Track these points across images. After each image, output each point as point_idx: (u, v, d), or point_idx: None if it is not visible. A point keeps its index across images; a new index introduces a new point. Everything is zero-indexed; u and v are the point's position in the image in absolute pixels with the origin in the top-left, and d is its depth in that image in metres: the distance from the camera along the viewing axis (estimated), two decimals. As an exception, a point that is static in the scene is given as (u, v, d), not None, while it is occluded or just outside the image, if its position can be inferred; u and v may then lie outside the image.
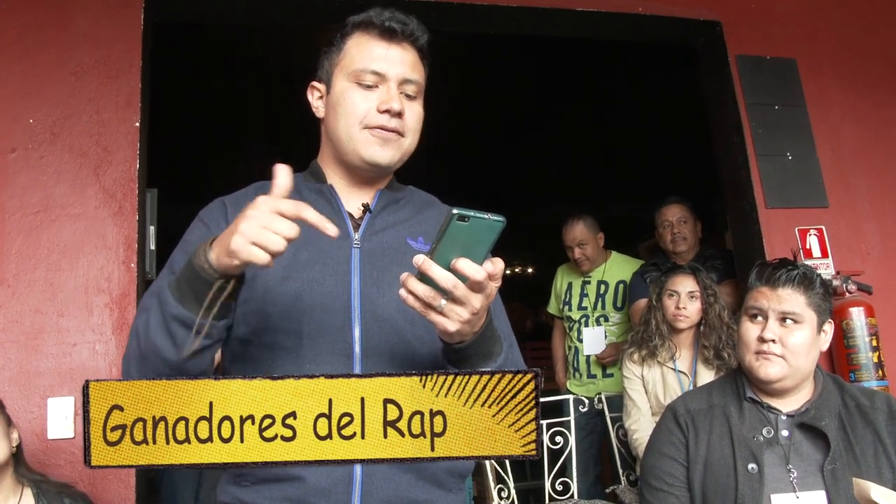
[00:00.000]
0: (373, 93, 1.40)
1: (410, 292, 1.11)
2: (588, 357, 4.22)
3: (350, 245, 1.39)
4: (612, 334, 4.22)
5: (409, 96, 1.44)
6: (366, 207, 1.46)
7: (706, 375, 3.12)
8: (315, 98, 1.51)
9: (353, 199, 1.48)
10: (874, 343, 3.09)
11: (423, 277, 1.09)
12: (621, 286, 4.23)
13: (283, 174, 1.12)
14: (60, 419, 2.42)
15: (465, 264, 1.07)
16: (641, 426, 3.19)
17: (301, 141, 1.96)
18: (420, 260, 1.07)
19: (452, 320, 1.12)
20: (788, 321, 1.91)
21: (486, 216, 1.03)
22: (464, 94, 4.78)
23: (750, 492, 1.86)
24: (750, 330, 1.95)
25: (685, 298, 3.21)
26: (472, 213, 1.02)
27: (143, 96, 2.75)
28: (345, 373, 1.28)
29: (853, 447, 1.87)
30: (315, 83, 1.51)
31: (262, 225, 1.07)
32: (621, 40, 3.82)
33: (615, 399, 3.67)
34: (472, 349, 1.22)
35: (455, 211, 1.02)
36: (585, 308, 4.31)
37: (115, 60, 2.74)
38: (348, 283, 1.35)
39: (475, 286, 1.10)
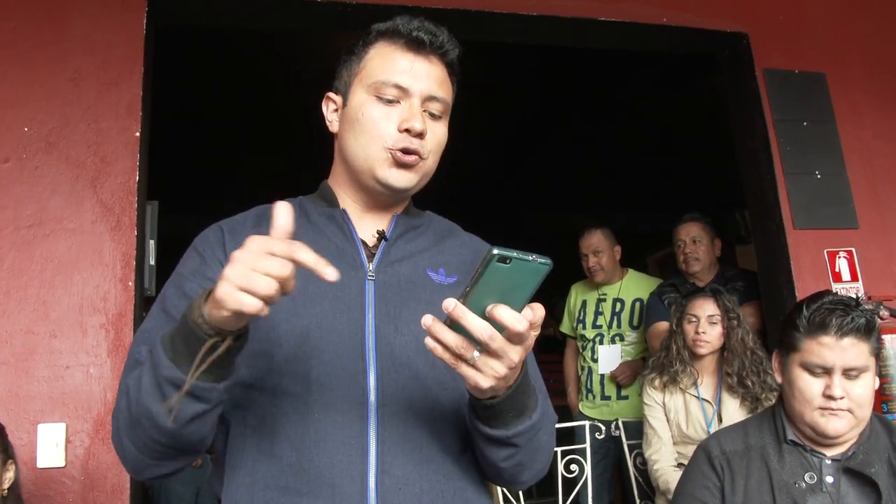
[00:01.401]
0: (394, 109, 1.27)
1: (438, 341, 0.96)
2: (602, 377, 4.08)
3: (364, 277, 1.25)
4: (628, 354, 4.08)
5: (433, 115, 1.30)
6: (381, 235, 1.31)
7: (731, 404, 2.98)
8: (330, 110, 1.37)
9: (367, 226, 1.34)
10: (906, 374, 2.94)
11: (454, 325, 0.94)
12: (637, 304, 4.09)
13: (282, 214, 0.97)
14: (51, 447, 2.28)
15: (504, 313, 0.93)
16: (662, 456, 3.04)
17: (313, 155, 1.84)
18: (451, 305, 0.93)
19: (486, 375, 0.98)
20: (853, 373, 1.76)
21: (530, 258, 0.89)
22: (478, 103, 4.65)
23: (792, 543, 1.72)
24: (812, 385, 1.79)
25: (705, 323, 3.07)
26: (514, 253, 0.88)
27: (145, 104, 2.61)
28: (358, 424, 1.14)
29: (905, 497, 1.73)
30: (331, 94, 1.37)
31: (250, 267, 0.92)
32: (645, 51, 3.69)
33: (631, 424, 3.52)
34: (505, 405, 1.08)
35: (496, 251, 0.88)
36: (600, 326, 4.17)
37: (115, 66, 2.60)
38: (362, 319, 1.20)
39: (514, 338, 0.95)
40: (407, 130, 1.25)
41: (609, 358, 4.09)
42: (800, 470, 1.80)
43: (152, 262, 2.64)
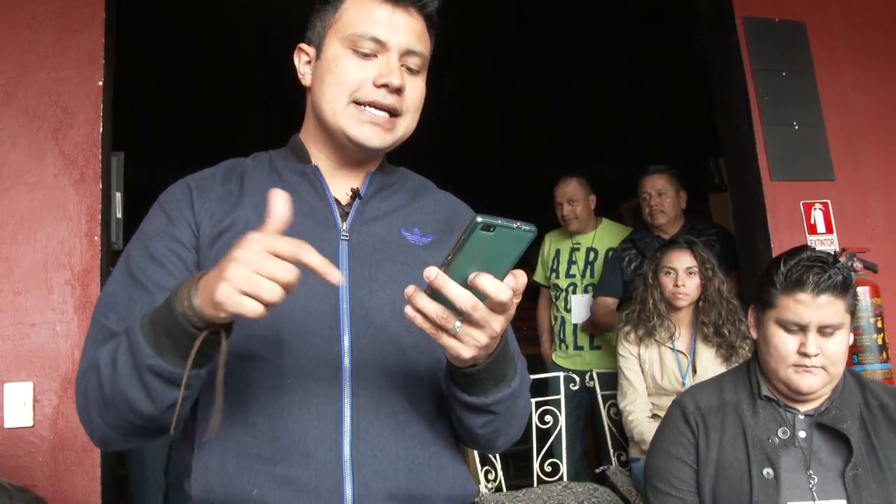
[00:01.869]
0: (370, 63, 1.21)
1: (419, 311, 0.93)
2: (575, 327, 4.09)
3: (338, 237, 1.21)
4: None
5: (411, 70, 1.24)
6: (355, 193, 1.27)
7: (706, 354, 3.00)
8: (302, 63, 1.30)
9: (340, 183, 1.29)
10: (879, 325, 2.97)
11: (435, 294, 0.91)
12: (611, 254, 4.09)
13: (280, 203, 0.93)
14: (18, 406, 2.23)
15: (487, 282, 0.89)
16: (637, 407, 3.07)
17: (286, 107, 1.76)
18: (433, 273, 0.90)
19: (468, 345, 0.95)
20: (828, 330, 1.76)
21: (514, 225, 0.86)
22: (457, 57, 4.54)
23: (765, 498, 1.73)
24: (787, 342, 1.78)
25: (683, 275, 3.06)
26: (498, 221, 0.85)
27: (108, 52, 2.50)
28: (332, 390, 1.11)
29: (877, 452, 1.74)
30: (303, 45, 1.30)
31: (254, 269, 0.88)
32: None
33: (604, 375, 3.54)
34: (485, 373, 1.05)
35: (479, 219, 0.84)
36: (574, 276, 4.17)
37: (75, 11, 2.48)
38: None
39: (497, 307, 0.93)
40: (385, 86, 1.19)
41: (582, 307, 4.10)
42: (773, 425, 1.81)
43: (119, 216, 2.56)
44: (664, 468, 1.89)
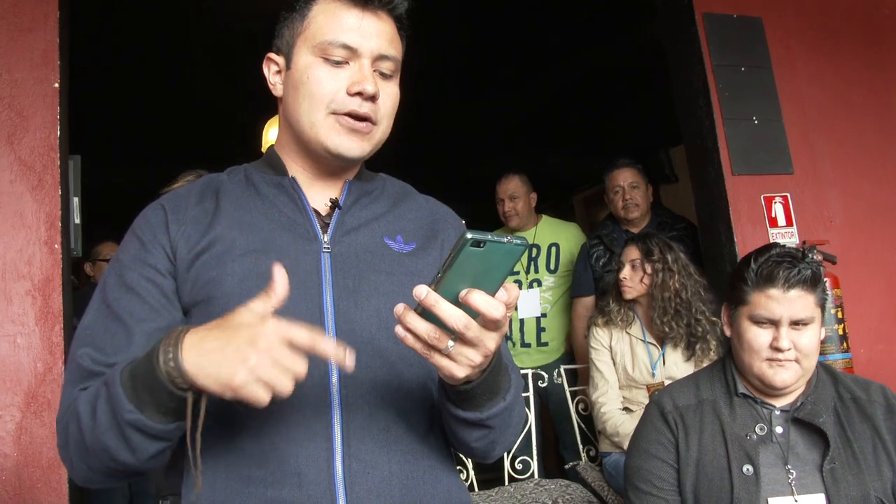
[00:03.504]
0: (342, 70, 1.18)
1: (409, 330, 0.91)
2: (522, 324, 4.11)
3: (319, 249, 1.18)
4: (546, 301, 4.13)
5: (384, 75, 1.22)
6: (334, 203, 1.24)
7: (670, 347, 3.03)
8: (272, 73, 1.27)
9: (318, 194, 1.26)
10: (839, 315, 3.04)
11: (426, 313, 0.89)
12: (553, 249, 4.16)
13: (280, 280, 0.93)
14: (-22, 422, 2.15)
15: (479, 298, 0.88)
16: (609, 399, 3.08)
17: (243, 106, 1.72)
18: (423, 293, 0.88)
19: (461, 365, 0.94)
20: (800, 324, 1.79)
21: (504, 240, 0.85)
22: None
23: (746, 495, 1.75)
24: (760, 337, 1.81)
25: (627, 268, 3.11)
26: (488, 236, 0.84)
27: (62, 52, 2.42)
28: (321, 408, 1.09)
29: (851, 444, 1.78)
30: (272, 55, 1.27)
31: (275, 359, 0.88)
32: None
33: (569, 372, 3.57)
34: (479, 389, 1.04)
35: (469, 235, 0.83)
36: (517, 273, 4.19)
37: (28, 10, 2.39)
38: (319, 296, 1.14)
39: (490, 324, 0.91)
40: (359, 94, 1.17)
41: (529, 303, 4.13)
42: (751, 422, 1.83)
43: (77, 221, 2.48)
44: (645, 468, 1.90)
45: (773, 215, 3.23)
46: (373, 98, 1.18)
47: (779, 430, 1.82)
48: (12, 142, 2.31)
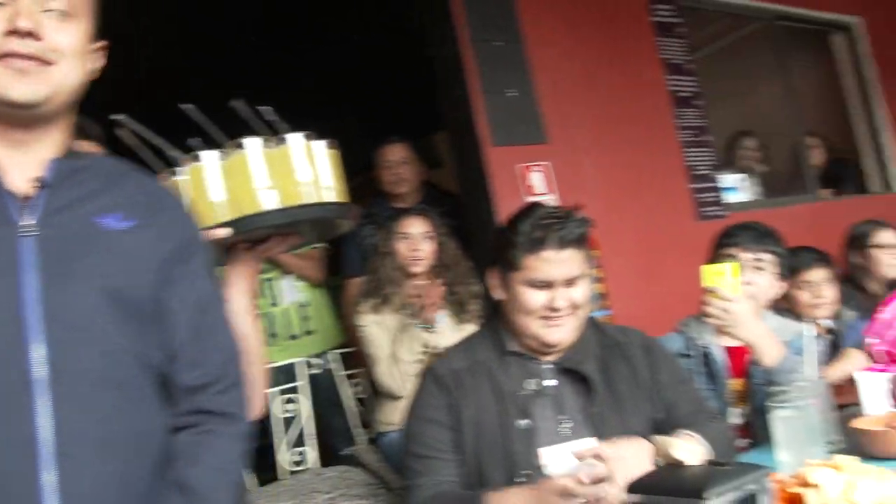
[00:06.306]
0: (3, 11, 1.06)
1: None
2: (286, 313, 3.89)
3: (14, 234, 1.05)
4: (307, 288, 3.84)
5: (62, 13, 1.11)
6: (40, 182, 1.11)
7: (444, 318, 3.03)
8: None
9: (20, 175, 1.11)
10: (598, 274, 3.20)
11: None
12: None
13: None
14: None
15: None
16: (393, 372, 3.01)
17: None
18: None
19: None
20: (573, 281, 1.82)
21: None
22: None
23: (522, 448, 1.76)
24: (535, 297, 1.80)
25: (419, 240, 3.06)
26: None
27: None
28: (23, 409, 0.98)
29: (613, 387, 1.84)
30: None
31: None
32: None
33: (345, 356, 3.47)
34: None
35: None
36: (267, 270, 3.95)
37: None
38: (14, 285, 1.02)
39: None
40: (13, 32, 1.06)
41: (291, 289, 3.90)
42: (523, 378, 1.84)
43: None
44: (420, 433, 1.85)
45: (531, 183, 3.34)
46: (31, 35, 1.07)
47: (549, 382, 1.84)
48: None
